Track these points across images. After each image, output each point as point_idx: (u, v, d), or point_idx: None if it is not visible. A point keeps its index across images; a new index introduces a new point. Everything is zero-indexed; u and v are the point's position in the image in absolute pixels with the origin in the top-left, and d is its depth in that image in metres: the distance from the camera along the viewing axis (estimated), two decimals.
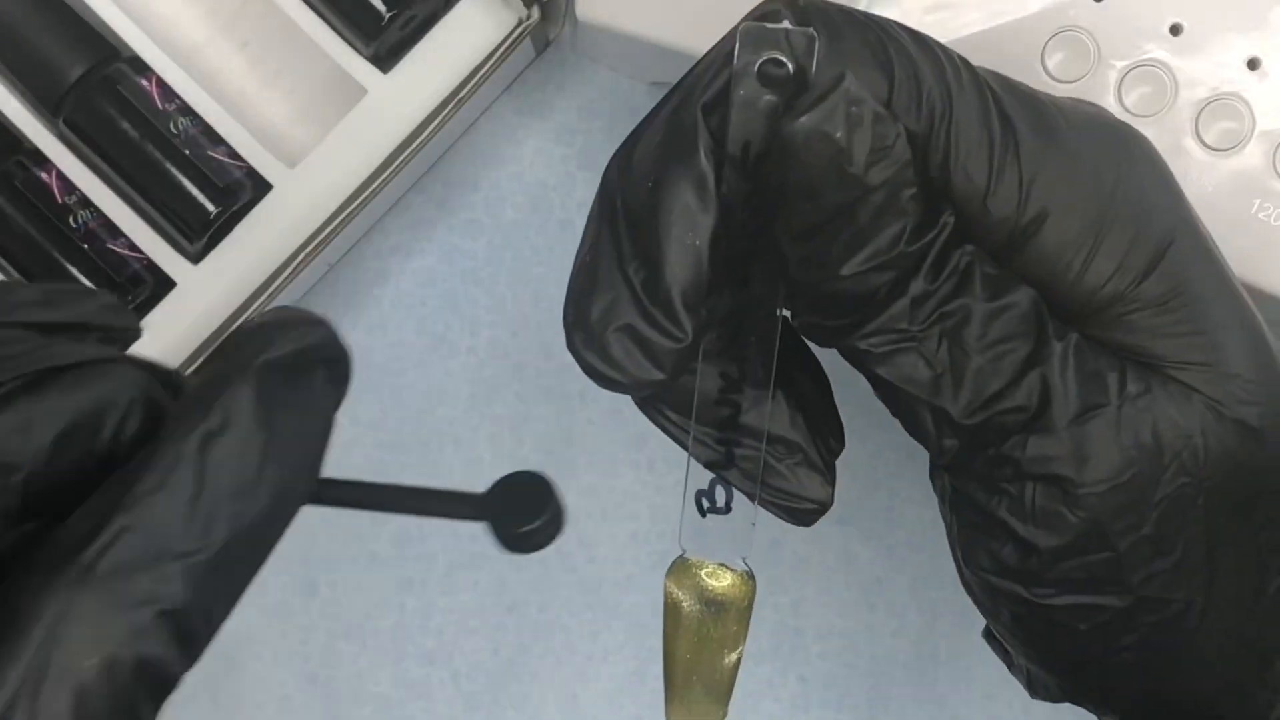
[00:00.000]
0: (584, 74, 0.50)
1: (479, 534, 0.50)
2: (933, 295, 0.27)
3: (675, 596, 0.31)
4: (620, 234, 0.27)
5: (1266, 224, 0.37)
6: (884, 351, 0.28)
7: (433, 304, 0.49)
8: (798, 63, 0.26)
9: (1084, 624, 0.29)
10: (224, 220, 0.45)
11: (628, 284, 0.27)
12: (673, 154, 0.27)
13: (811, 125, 0.25)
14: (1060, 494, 0.28)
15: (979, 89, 0.27)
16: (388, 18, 0.45)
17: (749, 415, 0.29)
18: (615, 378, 0.28)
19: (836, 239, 0.26)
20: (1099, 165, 0.28)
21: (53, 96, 0.45)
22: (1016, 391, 0.28)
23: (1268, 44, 0.37)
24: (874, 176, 0.26)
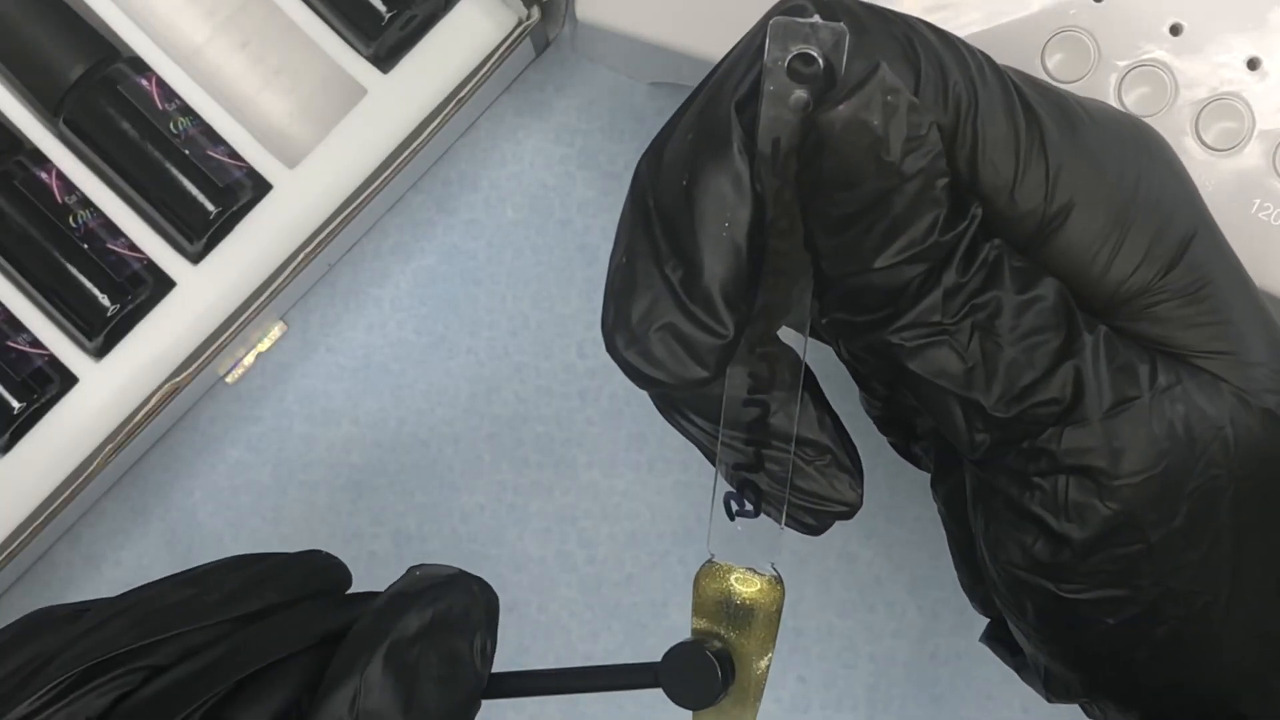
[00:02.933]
0: (584, 74, 0.50)
1: (479, 534, 0.51)
2: (964, 288, 0.27)
3: (704, 601, 0.31)
4: (655, 233, 0.27)
5: (1266, 224, 0.37)
6: (916, 345, 0.27)
7: (433, 304, 0.49)
8: (827, 58, 0.26)
9: (1112, 618, 0.29)
10: (224, 220, 0.45)
11: (666, 283, 0.27)
12: (706, 150, 0.27)
13: (849, 113, 0.25)
14: (1094, 486, 0.28)
15: (1003, 82, 0.27)
16: (388, 18, 0.45)
17: (776, 417, 0.29)
18: (658, 377, 0.28)
19: (871, 230, 0.26)
20: (1121, 159, 0.28)
21: (53, 96, 0.45)
22: (1050, 383, 0.28)
23: (1268, 44, 0.37)
24: (910, 165, 0.26)
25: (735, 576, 0.31)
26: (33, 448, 0.44)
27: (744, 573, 0.30)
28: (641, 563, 0.49)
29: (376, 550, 0.49)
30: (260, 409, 0.49)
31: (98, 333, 0.44)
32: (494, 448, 0.49)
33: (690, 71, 0.44)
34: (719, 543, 0.30)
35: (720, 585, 0.31)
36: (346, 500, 0.49)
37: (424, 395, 0.49)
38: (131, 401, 0.45)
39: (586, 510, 0.49)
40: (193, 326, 0.45)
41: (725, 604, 0.31)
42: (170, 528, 0.49)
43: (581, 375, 0.49)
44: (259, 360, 0.49)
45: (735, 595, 0.31)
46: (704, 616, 0.31)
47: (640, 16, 0.40)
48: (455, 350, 0.49)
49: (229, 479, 0.49)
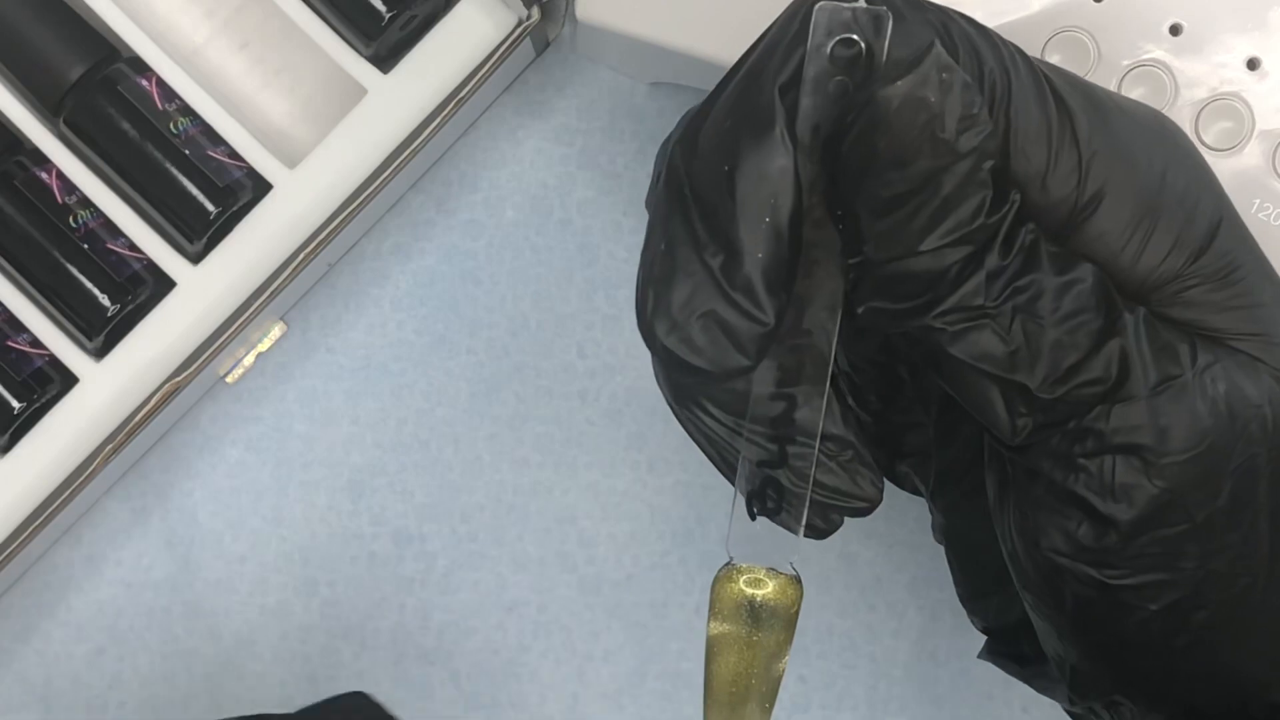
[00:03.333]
0: (584, 74, 0.50)
1: (479, 534, 0.51)
2: (1005, 271, 0.27)
3: (723, 603, 0.30)
4: (694, 220, 0.27)
5: (1266, 224, 0.37)
6: (959, 329, 0.27)
7: (433, 304, 0.49)
8: (869, 43, 0.26)
9: (1154, 604, 0.29)
10: (224, 220, 0.45)
11: (707, 270, 0.27)
12: (749, 136, 0.27)
13: (907, 89, 0.25)
14: (1141, 465, 0.28)
15: (1034, 72, 0.27)
16: (388, 18, 0.45)
17: (802, 412, 0.29)
18: (700, 365, 0.27)
19: (919, 212, 0.26)
20: (1149, 149, 0.28)
21: (53, 96, 0.45)
22: (1095, 362, 0.28)
23: (1268, 44, 0.37)
24: (964, 143, 0.26)
25: (756, 577, 0.30)
26: (33, 448, 0.44)
27: (764, 573, 0.30)
28: (641, 563, 0.49)
29: (376, 550, 0.49)
30: (260, 409, 0.49)
31: (98, 333, 0.44)
32: (494, 448, 0.49)
33: (690, 71, 0.44)
34: (738, 543, 0.30)
35: (741, 587, 0.30)
36: (346, 500, 0.49)
37: (424, 395, 0.49)
38: (131, 401, 0.45)
39: (586, 510, 0.49)
40: (193, 326, 0.45)
41: (747, 606, 0.30)
42: (170, 528, 0.49)
43: (581, 375, 0.49)
44: (259, 360, 0.49)
45: (757, 596, 0.30)
46: (723, 620, 0.31)
47: (640, 16, 0.40)
48: (455, 350, 0.49)
49: (229, 479, 0.49)
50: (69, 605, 0.49)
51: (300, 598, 0.49)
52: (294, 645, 0.49)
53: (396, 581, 0.49)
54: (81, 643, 0.49)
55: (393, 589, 0.49)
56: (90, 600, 0.49)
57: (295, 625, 0.49)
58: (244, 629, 0.49)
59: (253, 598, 0.49)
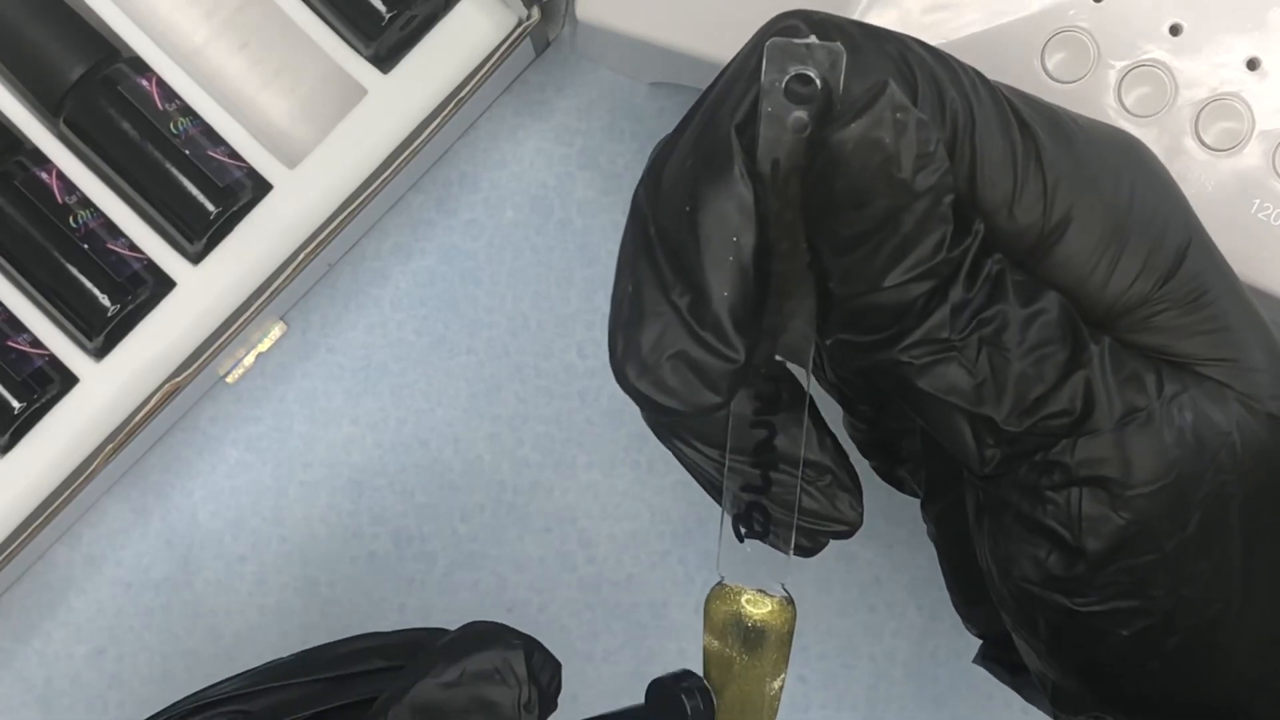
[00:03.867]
0: (584, 74, 0.50)
1: (479, 534, 0.51)
2: (970, 303, 0.27)
3: (715, 622, 0.31)
4: (659, 260, 0.27)
5: (1266, 224, 0.37)
6: (925, 363, 0.27)
7: (433, 304, 0.49)
8: (824, 78, 0.26)
9: (1126, 630, 0.29)
10: (224, 220, 0.45)
11: (675, 310, 0.27)
12: (707, 174, 0.27)
13: (861, 132, 0.25)
14: (1107, 497, 0.28)
15: (996, 98, 0.27)
16: (388, 18, 0.45)
17: (781, 439, 0.29)
18: (672, 405, 0.28)
19: (880, 249, 0.26)
20: (1115, 171, 0.28)
21: (53, 96, 0.45)
22: (1060, 395, 0.28)
23: (1267, 44, 0.37)
24: (921, 181, 0.26)
25: (746, 598, 0.30)
26: (33, 448, 0.44)
27: (755, 594, 0.30)
28: (641, 563, 0.49)
29: (376, 550, 0.49)
30: (260, 409, 0.49)
31: (98, 333, 0.44)
32: (494, 448, 0.49)
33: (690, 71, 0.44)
34: (728, 565, 0.30)
35: (731, 607, 0.31)
36: (346, 500, 0.49)
37: (424, 395, 0.49)
38: (131, 401, 0.45)
39: (586, 510, 0.49)
40: (193, 326, 0.45)
41: (737, 626, 0.31)
42: (170, 528, 0.49)
43: (581, 375, 0.49)
44: (259, 360, 0.49)
45: (746, 617, 0.30)
46: (715, 638, 0.31)
47: (640, 16, 0.40)
48: (455, 350, 0.49)
49: (229, 479, 0.49)
50: (69, 605, 0.49)
51: (300, 598, 0.49)
52: (294, 645, 0.49)
53: (396, 581, 0.49)
54: (81, 643, 0.49)
55: (393, 589, 0.49)
56: (90, 600, 0.49)
57: (295, 625, 0.49)
58: (244, 629, 0.49)
59: (253, 598, 0.49)
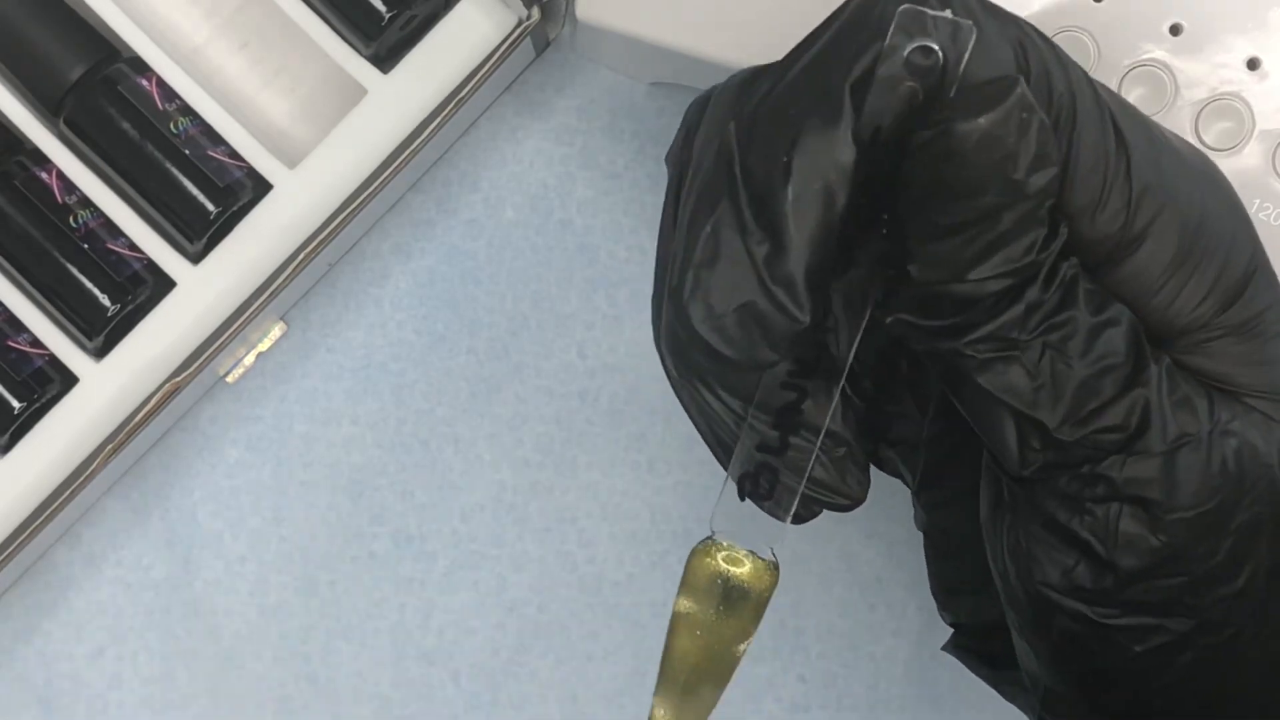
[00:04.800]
0: (584, 74, 0.50)
1: (479, 534, 0.51)
2: (1042, 305, 0.27)
3: (697, 576, 0.30)
4: (742, 204, 0.26)
5: (1266, 224, 0.37)
6: (987, 358, 0.27)
7: (433, 304, 0.49)
8: (946, 54, 0.25)
9: (1141, 645, 0.29)
10: (224, 220, 0.45)
11: (750, 259, 0.26)
12: (812, 127, 0.26)
13: (988, 127, 0.25)
14: (1147, 518, 0.28)
15: (1098, 100, 0.27)
16: (388, 18, 0.45)
17: (808, 405, 0.29)
18: (729, 355, 0.27)
19: (974, 242, 0.26)
20: (1192, 191, 0.28)
21: (53, 96, 0.45)
22: (1116, 410, 0.27)
23: (1268, 44, 0.37)
24: (1033, 184, 0.25)
25: (734, 556, 0.30)
26: (33, 448, 0.44)
27: (744, 554, 0.30)
28: (641, 563, 0.49)
29: (376, 550, 0.49)
30: (260, 409, 0.49)
31: (98, 333, 0.44)
32: (494, 448, 0.49)
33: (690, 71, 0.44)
34: (722, 520, 0.30)
35: (717, 563, 0.30)
36: (346, 500, 0.49)
37: (424, 395, 0.49)
38: (131, 401, 0.45)
39: (586, 510, 0.49)
40: (193, 326, 0.45)
41: (720, 583, 0.30)
42: (170, 528, 0.49)
43: (581, 375, 0.49)
44: (259, 360, 0.49)
45: (732, 575, 0.30)
46: (692, 593, 0.30)
47: (640, 16, 0.40)
48: (455, 350, 0.49)
49: (229, 479, 0.49)
50: (69, 605, 0.49)
51: (300, 598, 0.49)
52: (294, 645, 0.49)
53: (396, 581, 0.49)
54: (81, 643, 0.49)
55: (393, 589, 0.49)
56: (90, 600, 0.49)
57: (295, 625, 0.49)
58: (244, 629, 0.49)
59: (253, 598, 0.49)
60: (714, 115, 0.28)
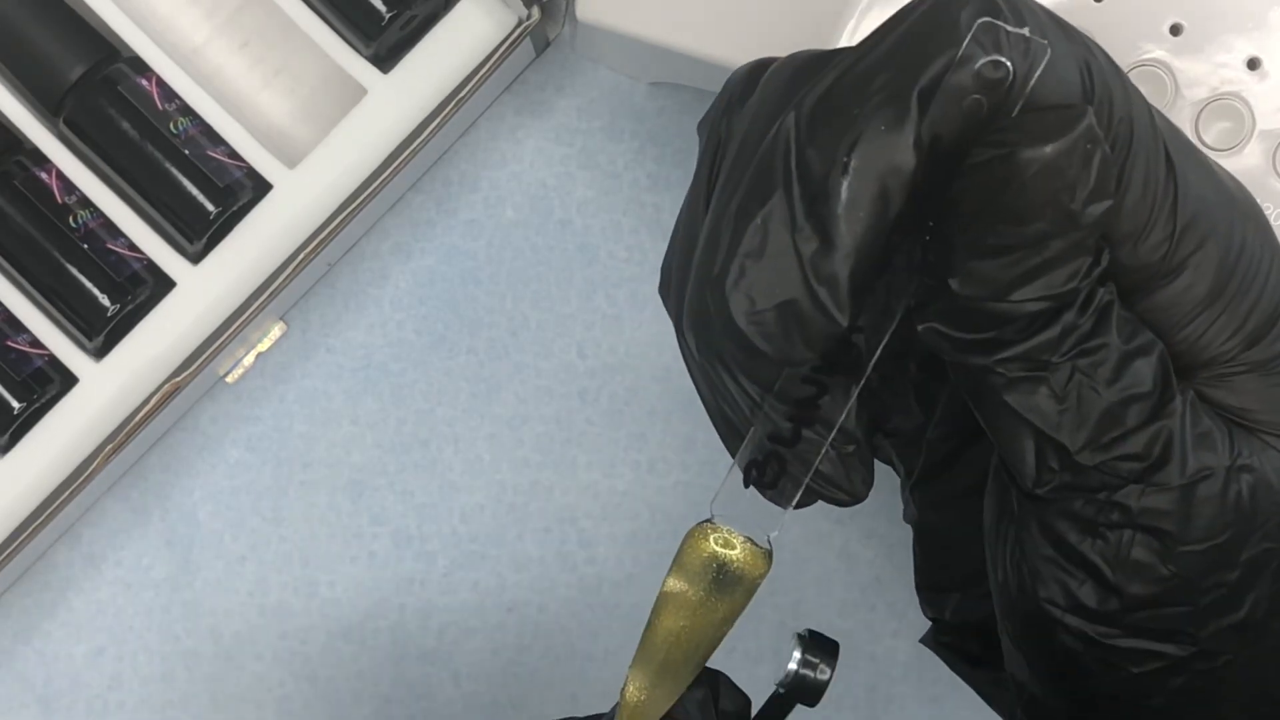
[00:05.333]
0: (584, 74, 0.50)
1: (479, 534, 0.51)
2: (1077, 329, 0.27)
3: (691, 557, 0.30)
4: (794, 199, 0.26)
5: None
6: (1015, 378, 0.27)
7: (433, 304, 0.49)
8: (1017, 71, 0.25)
9: (1137, 668, 0.29)
10: (224, 220, 0.45)
11: (797, 255, 0.26)
12: (879, 132, 0.25)
13: (1052, 157, 0.25)
14: (1159, 547, 0.28)
15: (1154, 130, 0.27)
16: (388, 18, 0.45)
17: (826, 401, 0.28)
18: (767, 350, 0.26)
19: (1021, 264, 0.26)
20: (1230, 224, 0.28)
21: (53, 96, 0.45)
22: (1138, 439, 0.27)
23: (1268, 44, 0.37)
24: (1088, 216, 0.25)
25: (731, 540, 0.30)
26: (33, 448, 0.44)
27: (740, 539, 0.30)
28: (641, 563, 0.49)
29: (376, 550, 0.49)
30: (260, 409, 0.49)
31: (98, 333, 0.44)
32: (494, 448, 0.49)
33: (690, 71, 0.44)
34: (723, 504, 0.30)
35: (713, 546, 0.30)
36: (346, 500, 0.49)
37: (424, 395, 0.49)
38: (131, 401, 0.45)
39: (586, 510, 0.49)
40: (193, 326, 0.45)
41: (713, 565, 0.30)
42: (170, 528, 0.49)
43: (581, 375, 0.49)
44: (259, 360, 0.49)
45: (728, 559, 0.30)
46: (683, 573, 0.30)
47: (640, 16, 0.40)
48: (455, 350, 0.49)
49: (229, 479, 0.49)
50: (69, 605, 0.49)
51: (300, 598, 0.49)
52: (294, 645, 0.49)
53: (396, 581, 0.49)
54: (81, 643, 0.49)
55: (393, 589, 0.49)
56: (90, 600, 0.49)
57: (295, 625, 0.49)
58: (244, 629, 0.49)
59: (253, 598, 0.49)
60: (766, 95, 0.28)
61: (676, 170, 0.50)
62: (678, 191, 0.50)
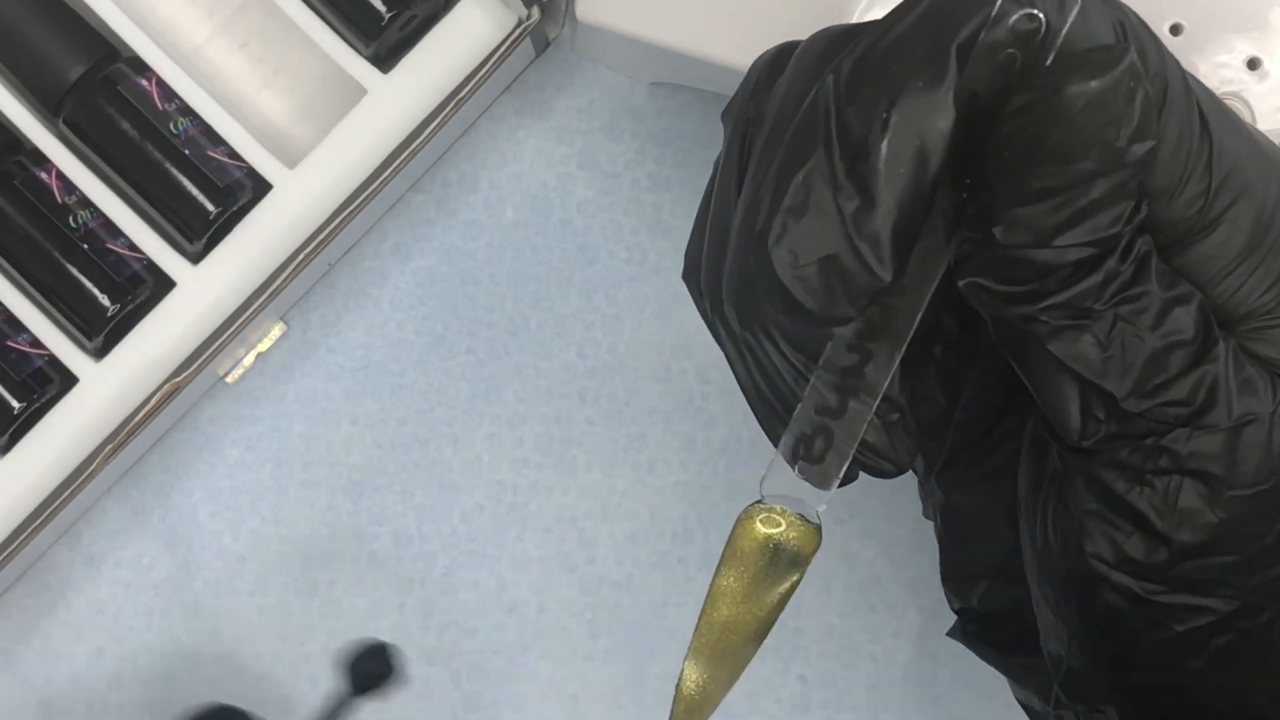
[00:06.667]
0: (584, 74, 0.50)
1: (479, 534, 0.51)
2: (1119, 276, 0.27)
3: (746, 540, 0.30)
4: (835, 156, 0.26)
5: None
6: (1060, 326, 0.27)
7: (432, 304, 0.49)
8: (1050, 22, 0.26)
9: (1182, 625, 0.29)
10: (224, 220, 0.45)
11: (839, 212, 0.26)
12: (916, 87, 0.26)
13: (1099, 92, 0.25)
14: (1208, 492, 0.28)
15: (1186, 85, 0.27)
16: (388, 18, 0.45)
17: (870, 367, 0.29)
18: (808, 306, 0.27)
19: (1065, 208, 0.26)
20: (1266, 180, 0.28)
21: (53, 96, 0.45)
22: (1183, 384, 0.28)
23: (1268, 44, 0.37)
24: (1133, 154, 0.26)
25: (781, 519, 0.30)
26: (33, 448, 0.44)
27: (791, 516, 0.30)
28: (641, 563, 0.49)
29: (376, 550, 0.49)
30: (260, 409, 0.49)
31: (98, 333, 0.44)
32: (494, 448, 0.49)
33: (690, 71, 0.44)
34: (772, 484, 0.30)
35: (766, 528, 0.30)
36: (346, 500, 0.49)
37: (424, 395, 0.49)
38: (131, 401, 0.45)
39: (586, 510, 0.49)
40: (193, 326, 0.45)
41: (769, 547, 0.30)
42: (170, 528, 0.49)
43: (581, 375, 0.49)
44: (259, 360, 0.49)
45: (781, 539, 0.30)
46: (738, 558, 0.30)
47: (640, 16, 0.40)
48: (455, 350, 0.49)
49: (229, 479, 0.49)
50: (69, 605, 0.49)
51: (300, 598, 0.49)
52: (294, 645, 0.49)
53: (396, 581, 0.49)
54: (81, 643, 0.49)
55: (393, 589, 0.49)
56: (90, 600, 0.49)
57: (295, 625, 0.49)
58: (244, 629, 0.49)
59: (253, 598, 0.49)
60: (800, 69, 0.28)
61: (676, 170, 0.50)
62: (678, 191, 0.50)
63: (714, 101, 0.50)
